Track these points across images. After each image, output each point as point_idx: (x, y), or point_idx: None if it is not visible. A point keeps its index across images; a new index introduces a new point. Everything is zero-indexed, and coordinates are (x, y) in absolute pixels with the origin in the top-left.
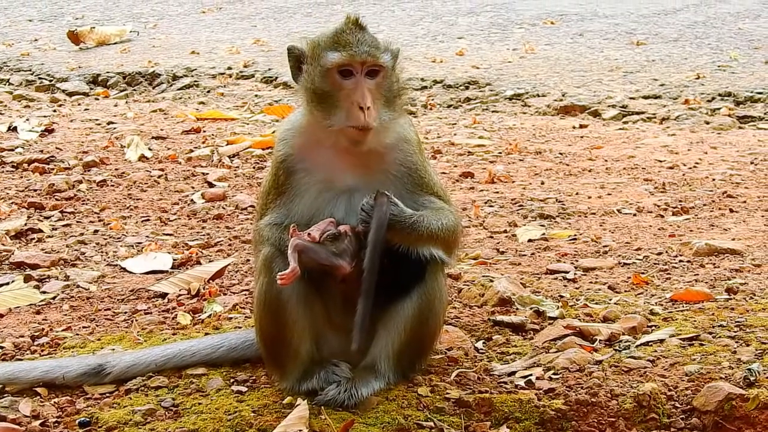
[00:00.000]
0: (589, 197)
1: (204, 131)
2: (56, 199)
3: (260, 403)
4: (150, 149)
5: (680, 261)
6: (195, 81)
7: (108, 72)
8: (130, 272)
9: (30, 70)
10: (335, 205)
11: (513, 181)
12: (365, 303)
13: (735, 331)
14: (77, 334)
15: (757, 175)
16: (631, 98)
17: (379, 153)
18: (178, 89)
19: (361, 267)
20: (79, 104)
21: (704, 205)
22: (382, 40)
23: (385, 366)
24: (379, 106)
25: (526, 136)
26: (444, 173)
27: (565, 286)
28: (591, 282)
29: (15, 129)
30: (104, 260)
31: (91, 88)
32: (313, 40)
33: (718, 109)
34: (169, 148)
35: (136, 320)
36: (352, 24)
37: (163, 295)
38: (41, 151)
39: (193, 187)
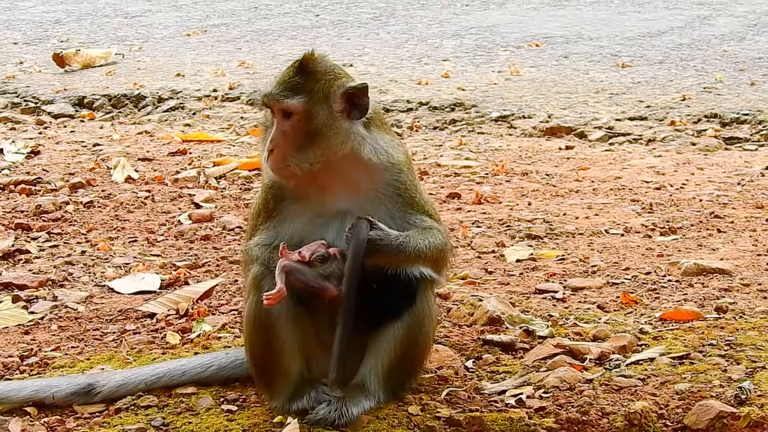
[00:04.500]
0: (577, 218)
1: (190, 153)
2: (43, 220)
3: (250, 422)
4: (136, 171)
5: (669, 280)
6: (180, 103)
7: (93, 94)
8: (118, 293)
9: (15, 93)
10: (326, 229)
11: (500, 202)
12: (342, 332)
13: (725, 350)
14: (66, 354)
15: (744, 195)
16: (617, 120)
17: (367, 174)
18: (164, 111)
19: None
20: (64, 126)
21: (692, 225)
22: (325, 80)
23: (375, 385)
24: (290, 150)
25: (513, 158)
26: (431, 194)
27: (554, 305)
28: (580, 301)
29: (1, 151)
30: (92, 281)
31: (77, 111)
32: None
33: (705, 130)
34: (155, 170)
35: (125, 340)
36: (295, 64)
37: (152, 315)
38: (27, 172)
39: (180, 208)
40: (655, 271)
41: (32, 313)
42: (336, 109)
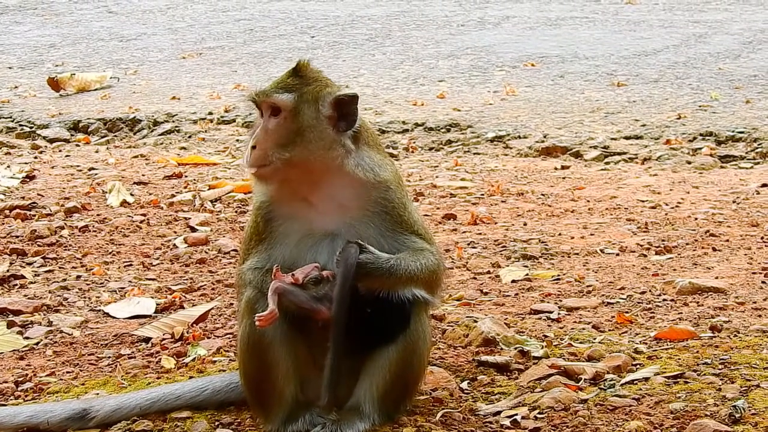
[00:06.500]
0: (572, 237)
1: (185, 176)
2: (38, 245)
3: None
4: (132, 195)
5: (664, 300)
6: (176, 126)
7: (89, 118)
8: (113, 317)
9: (10, 117)
10: (317, 250)
11: (495, 223)
12: (333, 357)
13: (720, 369)
14: (61, 380)
15: (740, 214)
16: (612, 139)
17: (354, 191)
18: (159, 135)
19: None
20: (60, 151)
21: (687, 244)
22: (317, 84)
23: (370, 407)
24: (271, 146)
25: (508, 178)
26: (426, 215)
27: (549, 325)
28: (575, 321)
29: None
30: (87, 305)
31: (72, 135)
32: None
33: (700, 148)
34: (150, 194)
35: (120, 365)
36: (290, 69)
37: (147, 340)
38: (23, 197)
39: (175, 232)
40: (650, 291)
41: (27, 338)
42: (323, 114)
